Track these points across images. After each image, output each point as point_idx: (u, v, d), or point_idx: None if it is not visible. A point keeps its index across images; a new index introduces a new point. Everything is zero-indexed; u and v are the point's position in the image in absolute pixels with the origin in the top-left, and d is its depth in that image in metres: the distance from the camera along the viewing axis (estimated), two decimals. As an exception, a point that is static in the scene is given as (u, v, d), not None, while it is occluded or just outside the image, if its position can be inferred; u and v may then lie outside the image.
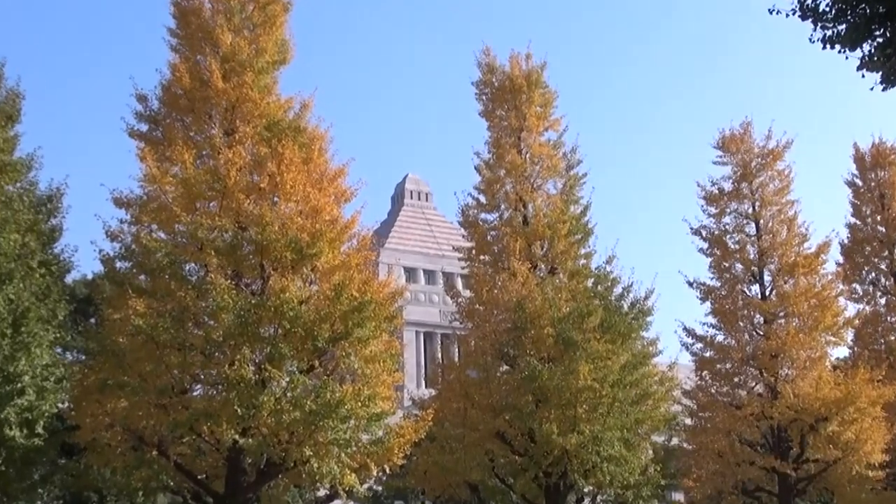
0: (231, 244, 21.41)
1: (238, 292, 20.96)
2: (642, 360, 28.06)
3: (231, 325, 20.33)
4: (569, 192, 31.82)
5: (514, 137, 32.33)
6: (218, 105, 23.68)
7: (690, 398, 33.79)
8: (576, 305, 27.21)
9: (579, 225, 30.89)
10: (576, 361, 25.95)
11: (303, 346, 20.86)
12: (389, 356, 21.94)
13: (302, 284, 21.62)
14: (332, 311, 20.70)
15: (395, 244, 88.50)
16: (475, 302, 29.82)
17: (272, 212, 21.45)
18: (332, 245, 21.72)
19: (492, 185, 31.64)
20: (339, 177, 23.39)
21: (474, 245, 31.58)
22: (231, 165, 21.86)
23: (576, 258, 30.44)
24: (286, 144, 22.20)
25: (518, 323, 27.27)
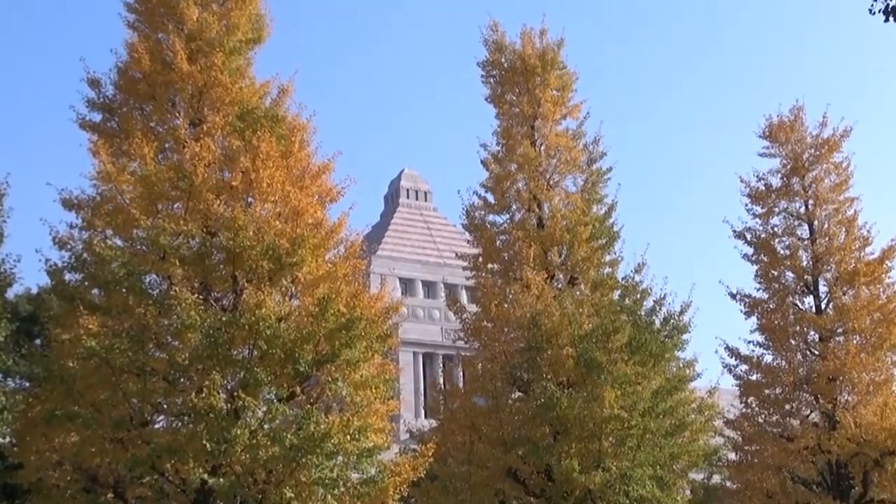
0: (198, 252, 21.48)
1: (206, 308, 21.01)
2: (678, 385, 28.11)
3: (198, 347, 20.38)
4: (591, 189, 31.91)
5: (527, 126, 32.45)
6: (182, 91, 23.77)
7: (734, 429, 33.79)
8: (599, 321, 27.27)
9: (603, 228, 30.97)
10: (600, 386, 25.99)
11: (282, 371, 20.91)
12: (383, 381, 21.97)
13: (281, 298, 21.67)
14: (317, 329, 20.75)
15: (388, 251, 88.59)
16: (482, 318, 29.89)
17: (246, 214, 21.51)
18: (315, 252, 21.77)
19: (501, 181, 31.75)
20: (324, 173, 23.43)
21: (481, 252, 31.67)
22: (198, 160, 21.94)
23: (599, 266, 30.51)
24: (262, 136, 22.27)
25: (532, 342, 27.33)
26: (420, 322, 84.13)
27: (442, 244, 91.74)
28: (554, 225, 30.13)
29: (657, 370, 27.75)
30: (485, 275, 31.11)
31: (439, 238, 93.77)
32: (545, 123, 32.29)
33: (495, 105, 33.13)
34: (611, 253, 31.17)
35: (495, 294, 29.55)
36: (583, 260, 30.01)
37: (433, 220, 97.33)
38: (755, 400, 33.56)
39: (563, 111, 32.73)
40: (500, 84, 33.13)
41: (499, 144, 32.57)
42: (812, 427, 32.24)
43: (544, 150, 32.18)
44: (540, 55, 32.44)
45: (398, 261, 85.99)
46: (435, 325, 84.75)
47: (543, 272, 29.52)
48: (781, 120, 35.97)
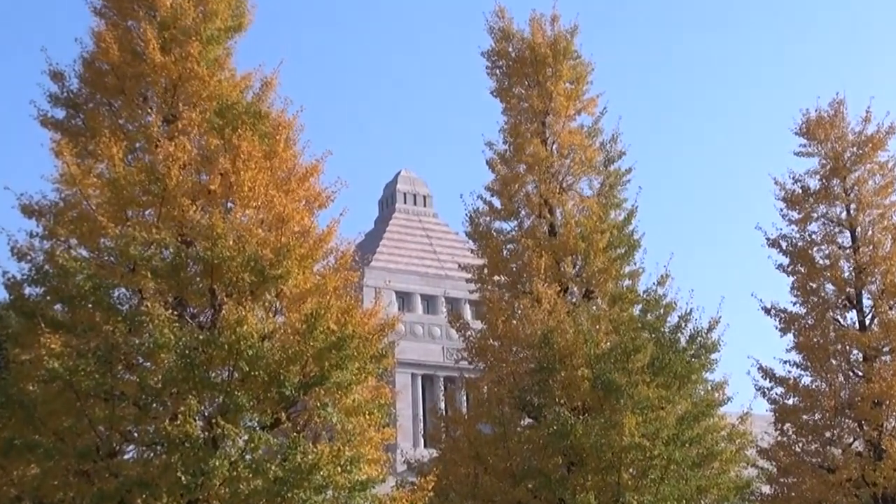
0: (172, 263, 21.53)
1: (181, 325, 21.06)
2: (705, 410, 28.13)
3: (173, 368, 20.42)
4: (608, 193, 31.99)
5: (538, 123, 32.55)
6: (155, 84, 23.85)
7: (769, 459, 33.75)
8: (618, 339, 27.32)
9: (622, 235, 31.03)
10: (619, 412, 26.03)
11: (265, 395, 20.93)
12: (377, 406, 22.00)
13: (264, 315, 21.71)
14: (304, 348, 20.79)
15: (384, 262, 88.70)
16: (488, 336, 29.93)
17: (225, 221, 21.57)
18: (302, 264, 21.82)
19: (508, 184, 31.84)
20: (312, 175, 23.49)
21: (486, 262, 31.74)
22: (172, 162, 22.01)
23: (618, 278, 30.57)
24: (243, 134, 22.34)
25: (544, 362, 27.38)
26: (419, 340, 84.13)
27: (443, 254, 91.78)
28: (567, 232, 30.18)
29: (683, 394, 27.76)
30: (491, 288, 31.16)
31: (440, 247, 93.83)
32: (557, 119, 32.38)
33: (502, 99, 33.22)
34: (631, 263, 31.21)
35: (502, 309, 29.59)
36: (599, 271, 30.06)
37: (433, 227, 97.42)
38: (792, 427, 33.52)
39: (577, 106, 32.82)
40: (507, 76, 33.24)
41: (506, 143, 32.66)
42: (855, 457, 32.20)
43: (556, 149, 32.26)
44: (551, 44, 32.56)
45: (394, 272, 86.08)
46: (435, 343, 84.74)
47: (556, 285, 29.56)
48: (820, 115, 35.95)
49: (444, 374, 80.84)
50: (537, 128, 32.40)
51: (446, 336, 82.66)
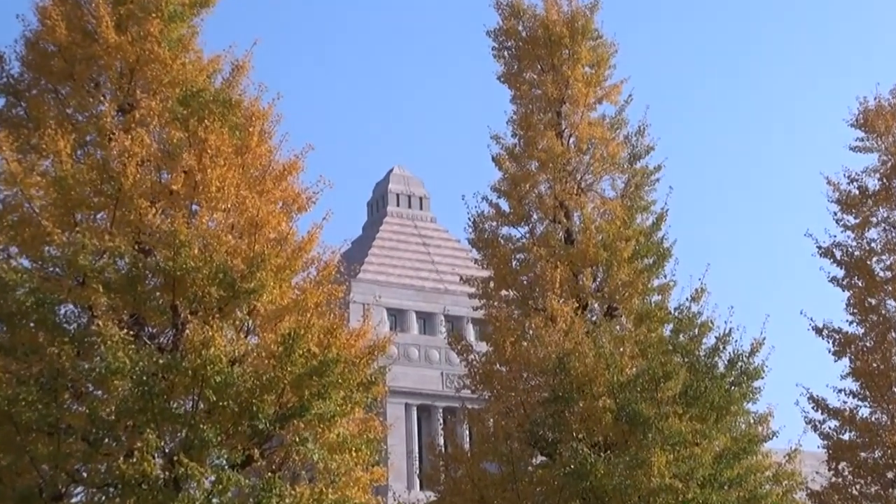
0: (128, 276, 21.55)
1: (139, 347, 21.05)
2: (747, 447, 28.10)
3: (128, 397, 20.42)
4: (634, 194, 31.99)
5: (552, 113, 32.57)
6: (109, 68, 23.91)
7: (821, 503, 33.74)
8: (646, 364, 27.33)
9: (650, 243, 31.01)
10: (647, 449, 26.02)
11: (236, 429, 20.95)
12: (366, 442, 22.00)
13: (234, 335, 21.74)
14: (280, 374, 20.82)
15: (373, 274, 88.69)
16: (494, 360, 29.92)
17: (190, 226, 21.61)
18: (278, 276, 21.86)
19: (518, 184, 31.85)
20: (290, 174, 23.53)
21: (492, 274, 31.73)
22: (128, 158, 22.04)
23: (645, 293, 30.56)
24: (210, 126, 22.40)
25: (559, 391, 27.38)
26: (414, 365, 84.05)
27: (442, 265, 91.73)
28: (586, 240, 30.19)
29: (721, 427, 27.72)
30: (497, 304, 31.13)
31: (438, 257, 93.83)
32: (575, 109, 32.41)
33: (511, 86, 33.26)
34: (660, 276, 31.17)
35: (511, 329, 29.58)
36: (624, 285, 30.05)
37: (430, 233, 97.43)
38: (848, 465, 33.49)
39: (597, 93, 32.85)
40: (517, 59, 33.28)
41: (515, 136, 32.68)
42: (921, 501, 32.16)
43: (574, 144, 32.27)
44: (568, 21, 32.63)
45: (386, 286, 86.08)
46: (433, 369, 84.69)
47: (573, 301, 29.57)
48: (879, 104, 35.98)
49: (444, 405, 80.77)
50: (552, 119, 32.42)
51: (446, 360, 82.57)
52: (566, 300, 29.39)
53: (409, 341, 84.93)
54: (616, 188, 32.40)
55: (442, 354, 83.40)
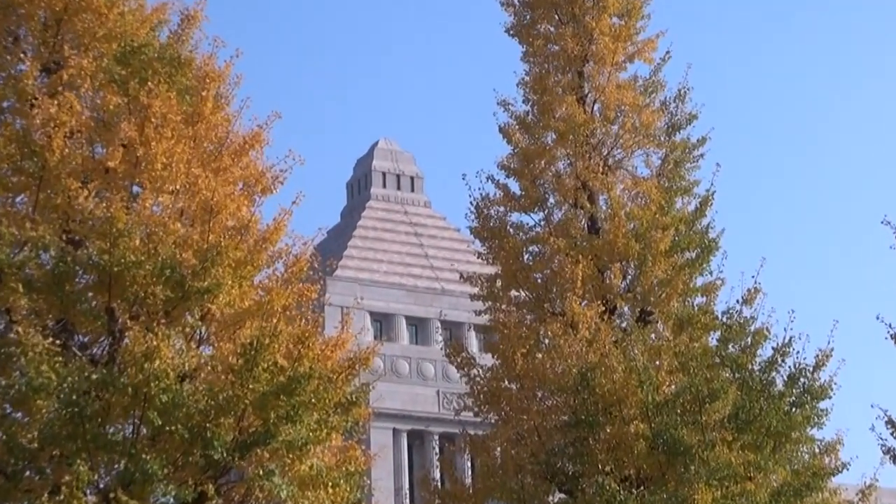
0: (55, 272, 21.46)
1: (67, 360, 20.97)
2: (812, 482, 28.09)
3: (54, 421, 20.33)
4: (672, 172, 31.94)
5: (572, 73, 32.50)
6: (31, 18, 23.82)
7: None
8: (688, 381, 27.27)
9: (692, 233, 30.96)
10: (689, 484, 25.99)
11: (186, 459, 20.87)
12: (345, 476, 21.93)
13: (184, 345, 21.66)
14: (241, 393, 20.74)
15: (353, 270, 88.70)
16: (502, 376, 29.88)
17: (130, 212, 21.53)
18: (238, 272, 21.78)
19: (531, 160, 31.78)
20: (253, 148, 23.46)
21: (500, 271, 31.66)
22: (55, 128, 21.97)
23: (686, 294, 30.49)
24: (155, 89, 22.31)
25: (582, 414, 27.33)
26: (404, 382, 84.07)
27: (438, 259, 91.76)
28: (615, 229, 30.12)
29: (779, 458, 27.70)
30: (506, 307, 31.08)
31: (433, 250, 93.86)
32: (600, 69, 32.35)
33: (522, 40, 33.17)
34: (704, 273, 31.13)
35: (523, 338, 29.52)
36: (660, 284, 30.00)
37: (424, 220, 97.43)
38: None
39: (628, 49, 32.80)
40: (530, 7, 33.21)
41: (527, 102, 32.61)
42: None
43: (599, 111, 32.23)
44: (591, -39, 32.60)
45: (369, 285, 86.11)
46: (427, 386, 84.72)
47: (598, 303, 29.50)
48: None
49: (440, 430, 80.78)
50: (572, 80, 32.35)
51: (443, 376, 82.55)
52: (590, 302, 29.34)
53: (398, 352, 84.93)
54: (651, 165, 32.38)
55: (438, 369, 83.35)
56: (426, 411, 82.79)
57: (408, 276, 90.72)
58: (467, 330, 77.98)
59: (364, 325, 78.49)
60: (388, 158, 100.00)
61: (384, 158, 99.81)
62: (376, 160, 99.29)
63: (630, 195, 31.45)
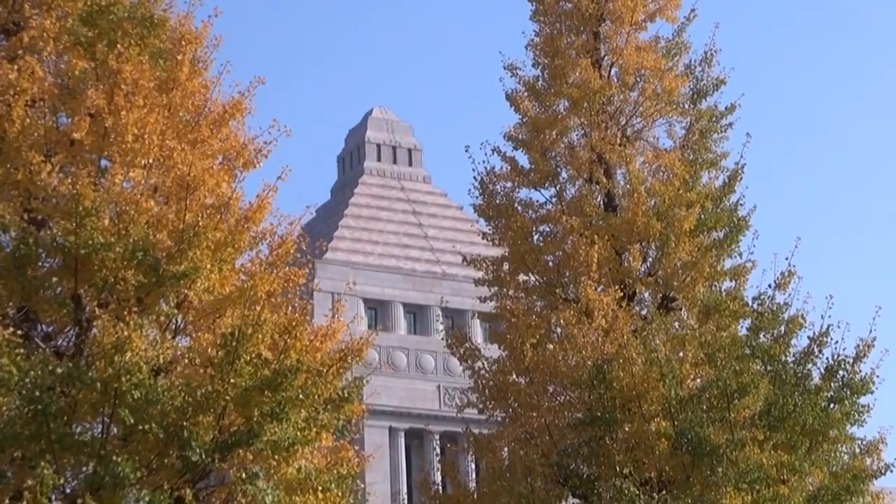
0: (15, 255, 21.50)
1: (29, 353, 21.01)
2: (852, 485, 28.15)
3: (15, 420, 20.37)
4: (698, 143, 31.95)
5: (587, 34, 32.49)
6: (-14, -26, 23.78)
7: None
8: (715, 374, 27.32)
9: (720, 211, 30.99)
10: (716, 487, 26.10)
11: (161, 461, 20.93)
12: (336, 480, 21.99)
13: (159, 336, 21.71)
14: (221, 389, 20.77)
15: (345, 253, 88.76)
16: (510, 369, 29.92)
17: (98, 189, 21.55)
18: (218, 255, 21.82)
19: (542, 131, 31.77)
20: (233, 118, 23.45)
21: (507, 253, 31.69)
22: (15, 96, 21.96)
23: (713, 278, 30.50)
24: (125, 53, 22.29)
25: (598, 410, 27.40)
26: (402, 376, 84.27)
27: (438, 240, 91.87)
28: (634, 206, 30.16)
29: (816, 459, 27.75)
30: (514, 293, 31.12)
31: (433, 230, 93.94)
32: (618, 28, 32.35)
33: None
34: (733, 255, 31.16)
35: (532, 327, 29.57)
36: (684, 267, 30.03)
37: (422, 197, 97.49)
38: None
39: (649, 7, 32.80)
40: (539, -41, 33.17)
41: (537, 66, 32.59)
42: None
43: (617, 76, 32.22)
44: None
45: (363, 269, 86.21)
46: (427, 381, 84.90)
47: (615, 288, 29.53)
48: None
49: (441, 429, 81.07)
50: (586, 42, 32.34)
51: (444, 369, 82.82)
52: (606, 288, 29.37)
53: (395, 343, 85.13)
54: (674, 136, 32.40)
55: (439, 361, 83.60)
56: (426, 408, 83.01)
57: (405, 258, 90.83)
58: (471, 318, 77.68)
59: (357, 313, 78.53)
60: (384, 129, 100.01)
61: (379, 129, 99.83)
62: (370, 131, 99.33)
63: (651, 169, 31.46)
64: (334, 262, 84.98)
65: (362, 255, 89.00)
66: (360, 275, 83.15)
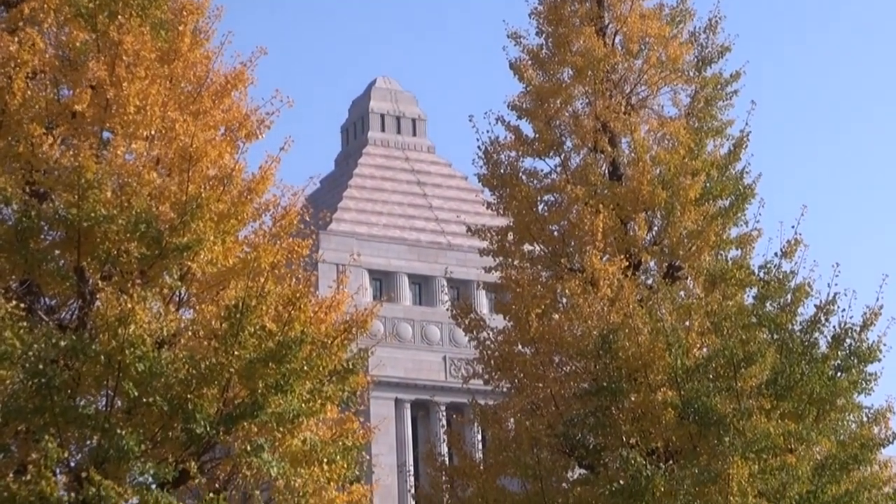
0: (17, 228, 21.53)
1: (32, 326, 21.04)
2: (859, 454, 28.13)
3: (19, 393, 20.41)
4: (703, 111, 31.87)
5: (591, 2, 32.38)
6: (-15, -55, 23.73)
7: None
8: (722, 343, 27.30)
9: (725, 179, 30.95)
10: (723, 457, 26.06)
11: (165, 434, 20.99)
12: (341, 451, 22.04)
13: (162, 308, 21.69)
14: (225, 361, 20.81)
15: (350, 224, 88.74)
16: (516, 339, 29.92)
17: (100, 161, 21.51)
18: (221, 227, 21.83)
19: (546, 99, 31.70)
20: (236, 88, 23.42)
21: (512, 223, 31.65)
22: (17, 68, 21.93)
23: (719, 247, 30.46)
24: (126, 24, 22.23)
25: (603, 380, 27.38)
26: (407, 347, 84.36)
27: (443, 210, 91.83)
28: (639, 175, 30.12)
29: (823, 428, 27.74)
30: (519, 263, 31.10)
31: (438, 200, 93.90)
32: (622, -4, 32.25)
33: (533, -36, 33.03)
34: (739, 223, 31.11)
35: (538, 297, 29.56)
36: (690, 235, 30.00)
37: (427, 167, 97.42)
38: None
39: (653, -26, 32.68)
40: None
41: (541, 34, 32.49)
42: None
43: (621, 43, 32.13)
44: None
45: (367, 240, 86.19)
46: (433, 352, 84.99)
47: (621, 258, 29.50)
48: None
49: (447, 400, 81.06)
50: (590, 9, 32.24)
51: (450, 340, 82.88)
52: (612, 257, 29.34)
53: (401, 314, 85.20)
54: (678, 104, 32.33)
55: (444, 332, 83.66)
56: (431, 379, 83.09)
57: (410, 229, 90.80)
58: (476, 289, 78.03)
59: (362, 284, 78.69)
60: (388, 99, 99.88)
61: (383, 99, 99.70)
62: (374, 101, 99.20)
63: (656, 137, 31.39)
64: (338, 233, 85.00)
65: (366, 226, 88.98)
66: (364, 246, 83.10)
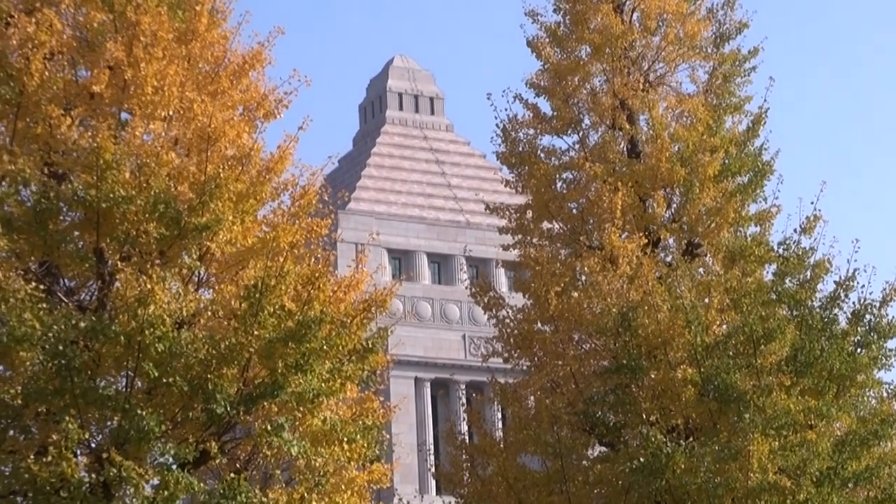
0: (36, 210, 21.53)
1: (52, 307, 21.09)
2: (880, 430, 28.06)
3: (39, 375, 20.47)
4: (721, 88, 31.77)
5: (608, -22, 32.26)
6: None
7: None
8: (741, 320, 27.28)
9: (744, 156, 30.86)
10: (743, 434, 26.06)
11: (186, 415, 21.03)
12: (362, 431, 22.07)
13: (181, 288, 21.73)
14: (245, 341, 20.86)
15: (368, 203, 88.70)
16: (535, 317, 29.93)
17: (118, 141, 21.53)
18: (240, 207, 21.85)
19: (564, 77, 31.62)
20: (253, 68, 23.42)
21: (530, 201, 31.62)
22: (34, 49, 21.94)
23: (738, 223, 30.40)
24: (143, 4, 22.24)
25: (623, 358, 27.39)
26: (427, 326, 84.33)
27: (462, 189, 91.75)
28: (657, 152, 30.06)
29: (843, 404, 27.70)
30: (538, 241, 31.08)
31: (456, 179, 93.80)
32: (640, -27, 32.13)
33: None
34: (758, 200, 31.04)
35: (557, 275, 29.54)
36: (709, 213, 29.95)
37: (445, 146, 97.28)
38: None
39: (670, -49, 32.53)
40: None
41: (558, 11, 32.41)
42: None
43: (639, 20, 32.02)
44: None
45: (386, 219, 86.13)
46: (452, 330, 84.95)
47: (640, 235, 29.48)
48: None
49: (467, 379, 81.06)
50: (609, -14, 32.13)
51: (469, 318, 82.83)
52: (630, 234, 29.32)
53: (420, 293, 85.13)
54: (697, 81, 32.24)
55: (463, 311, 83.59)
56: (451, 358, 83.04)
57: (429, 208, 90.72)
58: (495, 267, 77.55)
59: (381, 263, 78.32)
60: (405, 78, 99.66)
61: (400, 78, 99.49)
62: (392, 80, 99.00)
63: (674, 114, 31.30)
64: (357, 213, 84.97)
65: (385, 205, 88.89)
66: (383, 225, 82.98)
